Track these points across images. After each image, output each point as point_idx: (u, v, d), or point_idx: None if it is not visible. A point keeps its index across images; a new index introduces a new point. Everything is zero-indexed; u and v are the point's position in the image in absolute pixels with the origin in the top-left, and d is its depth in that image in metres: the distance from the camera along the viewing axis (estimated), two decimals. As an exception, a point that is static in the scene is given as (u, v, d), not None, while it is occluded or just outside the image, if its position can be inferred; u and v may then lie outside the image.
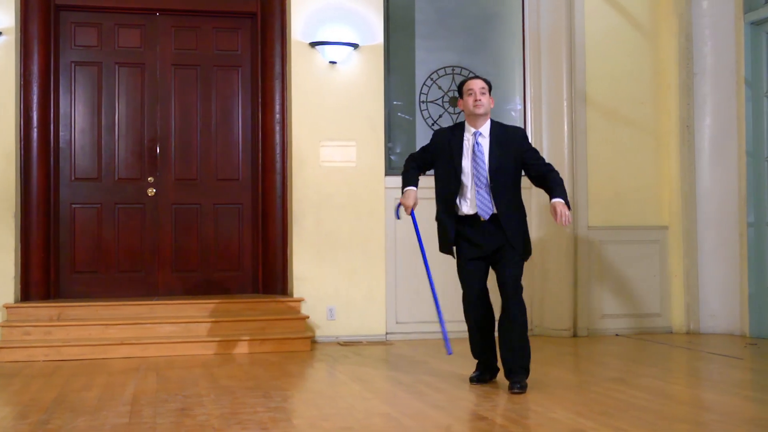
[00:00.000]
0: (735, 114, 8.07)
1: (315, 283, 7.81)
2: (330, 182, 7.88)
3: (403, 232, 7.90)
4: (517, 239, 5.47)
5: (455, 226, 5.57)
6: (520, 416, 4.71)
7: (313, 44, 7.85)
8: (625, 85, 8.37)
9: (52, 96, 7.89)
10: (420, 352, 7.09)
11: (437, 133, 5.83)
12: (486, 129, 5.57)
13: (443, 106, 8.43)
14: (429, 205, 6.02)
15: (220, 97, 8.32)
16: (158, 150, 8.18)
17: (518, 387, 5.34)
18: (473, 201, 5.49)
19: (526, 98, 8.39)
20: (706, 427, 4.49)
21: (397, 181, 7.99)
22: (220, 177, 8.30)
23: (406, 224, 7.78)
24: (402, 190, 5.72)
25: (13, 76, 7.50)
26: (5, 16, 7.49)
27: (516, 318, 5.47)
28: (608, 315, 8.23)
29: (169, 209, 8.21)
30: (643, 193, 8.38)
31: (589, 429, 4.35)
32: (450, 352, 5.76)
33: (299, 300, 7.71)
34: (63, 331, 7.10)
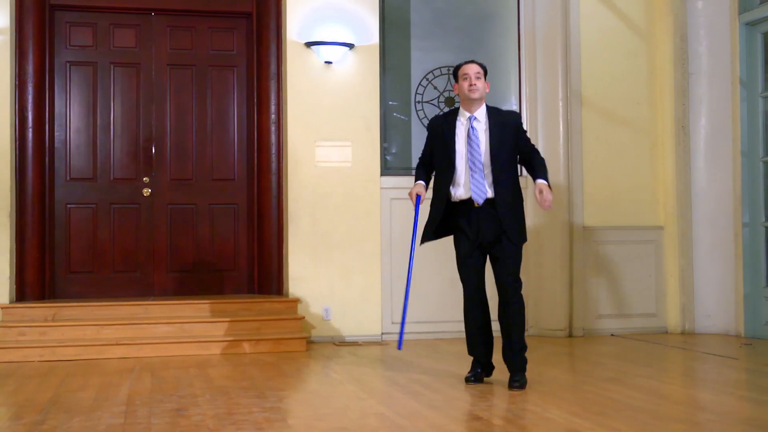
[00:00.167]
0: (730, 114, 8.08)
1: (310, 283, 7.81)
2: (325, 182, 7.88)
3: (399, 233, 7.91)
4: (513, 228, 5.46)
5: (450, 214, 5.56)
6: (516, 416, 4.71)
7: (309, 44, 7.85)
8: (621, 85, 8.38)
9: (47, 96, 7.88)
10: (415, 353, 7.08)
11: (431, 121, 5.85)
12: (482, 113, 5.56)
13: (439, 107, 8.43)
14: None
15: (216, 97, 8.32)
16: (153, 150, 8.17)
17: (518, 384, 5.41)
18: (467, 185, 5.47)
19: (521, 98, 8.38)
20: (701, 427, 4.50)
21: (393, 181, 8.06)
22: (215, 177, 8.30)
23: (405, 224, 7.82)
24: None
25: (8, 76, 7.48)
26: (0, 16, 7.48)
27: (515, 317, 5.50)
28: (604, 315, 8.24)
29: (164, 209, 8.20)
30: (638, 193, 8.39)
31: (584, 429, 4.35)
32: (400, 347, 5.78)
33: (295, 300, 7.70)
34: (58, 331, 7.08)
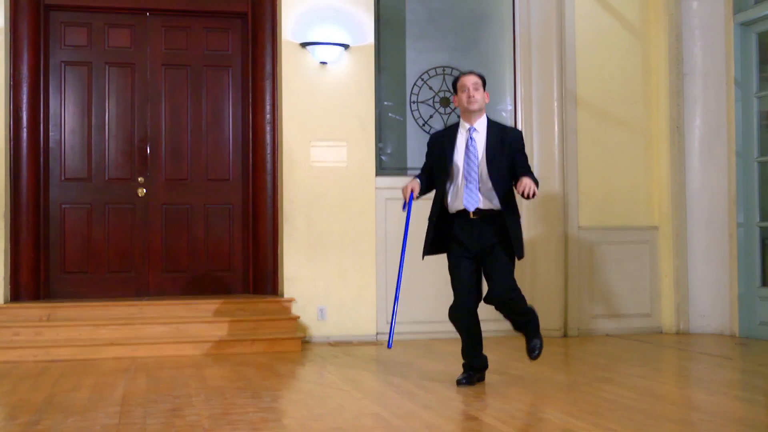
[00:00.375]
0: (725, 114, 8.09)
1: (306, 283, 7.80)
2: (321, 182, 7.87)
3: (394, 233, 7.90)
4: (503, 240, 5.44)
5: (448, 226, 5.56)
6: (510, 416, 4.71)
7: (304, 44, 7.84)
8: (616, 85, 8.39)
9: (41, 96, 7.87)
10: (410, 353, 7.08)
11: (432, 136, 5.84)
12: (482, 125, 5.55)
13: (434, 107, 8.43)
14: (425, 205, 5.98)
15: (211, 98, 8.31)
16: (148, 150, 8.16)
17: (536, 353, 5.62)
18: (461, 196, 5.47)
19: (516, 99, 8.39)
20: (695, 427, 4.50)
21: (388, 181, 8.06)
22: (210, 177, 8.29)
23: (401, 224, 7.81)
24: None
25: (2, 76, 7.47)
26: (-5, 15, 7.48)
27: (526, 322, 5.64)
28: (598, 315, 8.25)
29: (159, 209, 8.19)
30: (633, 193, 8.40)
31: (579, 429, 4.35)
32: (390, 346, 5.72)
33: (290, 300, 7.70)
34: (53, 331, 7.07)
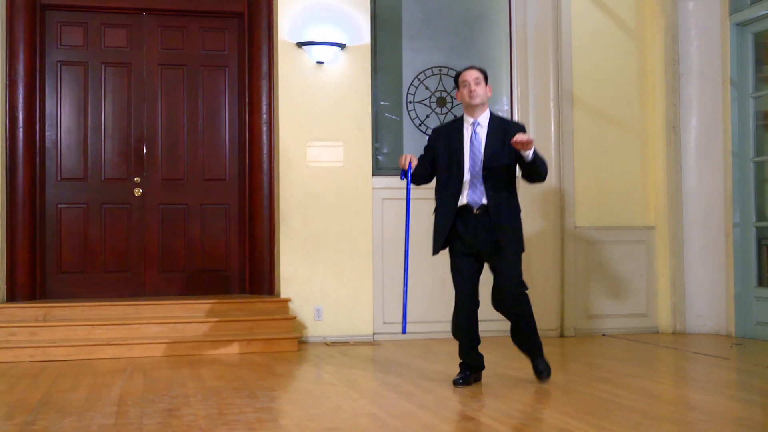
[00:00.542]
0: (721, 114, 8.10)
1: (302, 283, 7.80)
2: (317, 182, 7.87)
3: (391, 233, 7.91)
4: (506, 235, 5.44)
5: (453, 222, 5.54)
6: (507, 416, 4.71)
7: (300, 44, 7.84)
8: (612, 85, 8.40)
9: (38, 96, 7.86)
10: (407, 353, 7.09)
11: (434, 130, 5.77)
12: (484, 119, 5.54)
13: (430, 107, 8.43)
14: (425, 204, 5.95)
15: (207, 97, 8.30)
16: (145, 150, 8.16)
17: (545, 374, 5.63)
18: (465, 192, 5.46)
19: (513, 99, 8.39)
20: (692, 427, 4.51)
21: (384, 181, 8.06)
22: (207, 177, 8.28)
23: (397, 224, 7.82)
24: None
25: (-2, 75, 7.48)
26: (-10, 15, 7.47)
27: (526, 325, 5.66)
28: (595, 315, 8.25)
29: (155, 209, 8.18)
30: (629, 193, 8.41)
31: (575, 429, 4.35)
32: (404, 331, 5.73)
33: (286, 300, 7.69)
34: (49, 331, 7.06)
